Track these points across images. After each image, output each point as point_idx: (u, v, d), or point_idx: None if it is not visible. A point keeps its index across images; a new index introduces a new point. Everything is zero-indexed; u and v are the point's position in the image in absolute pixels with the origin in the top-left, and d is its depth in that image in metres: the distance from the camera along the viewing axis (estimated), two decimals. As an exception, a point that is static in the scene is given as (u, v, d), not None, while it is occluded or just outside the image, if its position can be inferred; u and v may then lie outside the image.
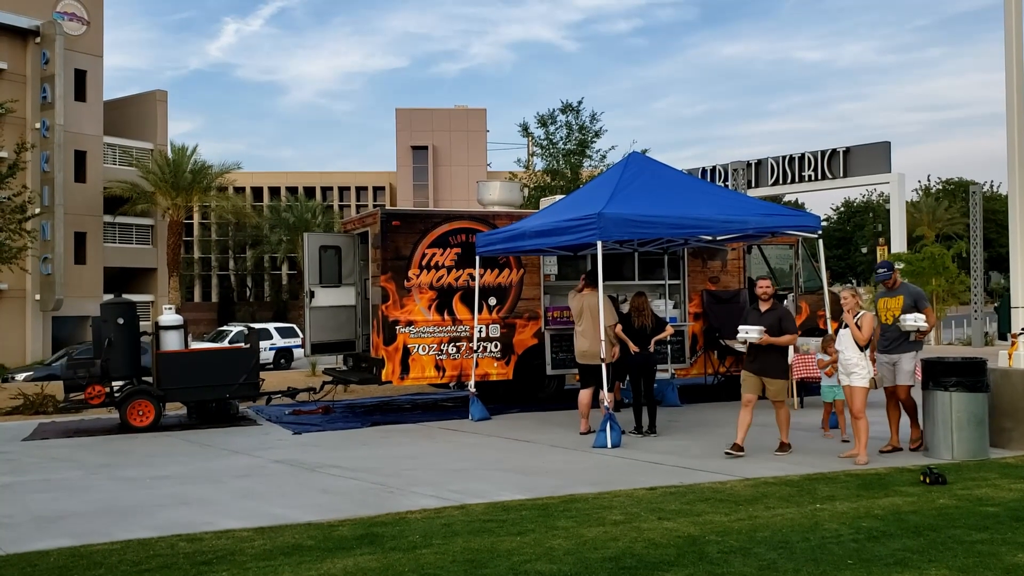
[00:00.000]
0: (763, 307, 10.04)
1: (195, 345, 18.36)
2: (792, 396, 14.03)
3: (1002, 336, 29.98)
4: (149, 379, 13.76)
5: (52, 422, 14.44)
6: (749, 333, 9.76)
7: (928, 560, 5.81)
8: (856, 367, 9.55)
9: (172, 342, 13.82)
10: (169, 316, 14.10)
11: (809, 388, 14.62)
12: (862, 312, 9.70)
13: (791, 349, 10.61)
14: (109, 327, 13.53)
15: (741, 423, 9.88)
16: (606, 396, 10.88)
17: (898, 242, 32.17)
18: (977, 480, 8.37)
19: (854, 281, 74.60)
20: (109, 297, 14.52)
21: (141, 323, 14.23)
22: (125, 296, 14.79)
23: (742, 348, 9.99)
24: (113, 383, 13.54)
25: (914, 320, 10.00)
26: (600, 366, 11.24)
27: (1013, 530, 6.51)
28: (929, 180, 79.12)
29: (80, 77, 39.37)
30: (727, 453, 9.81)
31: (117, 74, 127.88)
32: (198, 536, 6.79)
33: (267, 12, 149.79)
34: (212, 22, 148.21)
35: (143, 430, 13.05)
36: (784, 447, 10.07)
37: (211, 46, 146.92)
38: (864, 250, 71.43)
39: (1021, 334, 10.52)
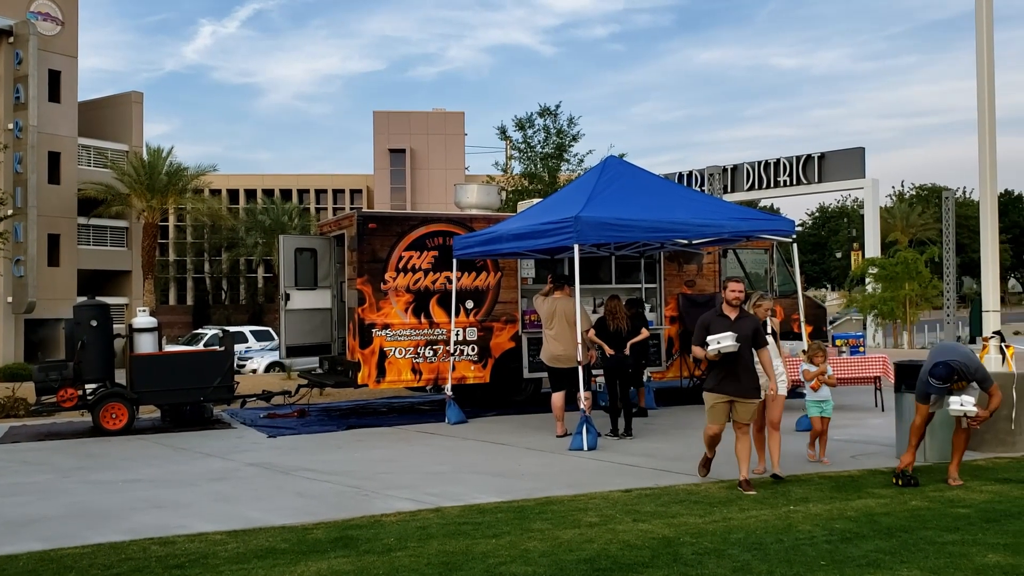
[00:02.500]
0: (731, 313, 8.31)
1: (169, 348, 18.22)
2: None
3: (973, 340, 30.32)
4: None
5: (23, 425, 14.28)
6: (722, 342, 7.99)
7: (900, 561, 5.87)
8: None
9: (146, 345, 13.72)
10: (143, 319, 14.00)
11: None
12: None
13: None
14: (82, 329, 13.40)
15: (710, 444, 8.56)
16: (583, 397, 10.89)
17: (872, 247, 32.47)
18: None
19: (828, 286, 75.18)
20: (82, 299, 14.39)
21: (115, 326, 14.11)
22: (99, 298, 14.65)
23: (712, 356, 8.10)
24: (86, 386, 13.41)
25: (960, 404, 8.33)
26: (575, 369, 11.28)
27: (984, 531, 6.59)
28: (903, 186, 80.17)
29: (54, 78, 38.97)
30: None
31: (92, 75, 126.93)
32: (171, 539, 6.74)
33: (243, 14, 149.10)
34: (188, 24, 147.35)
35: (116, 433, 12.93)
36: (746, 486, 8.17)
37: (187, 48, 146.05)
38: (839, 255, 72.01)
39: (992, 338, 10.64)
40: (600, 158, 18.63)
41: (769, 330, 9.19)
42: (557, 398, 11.91)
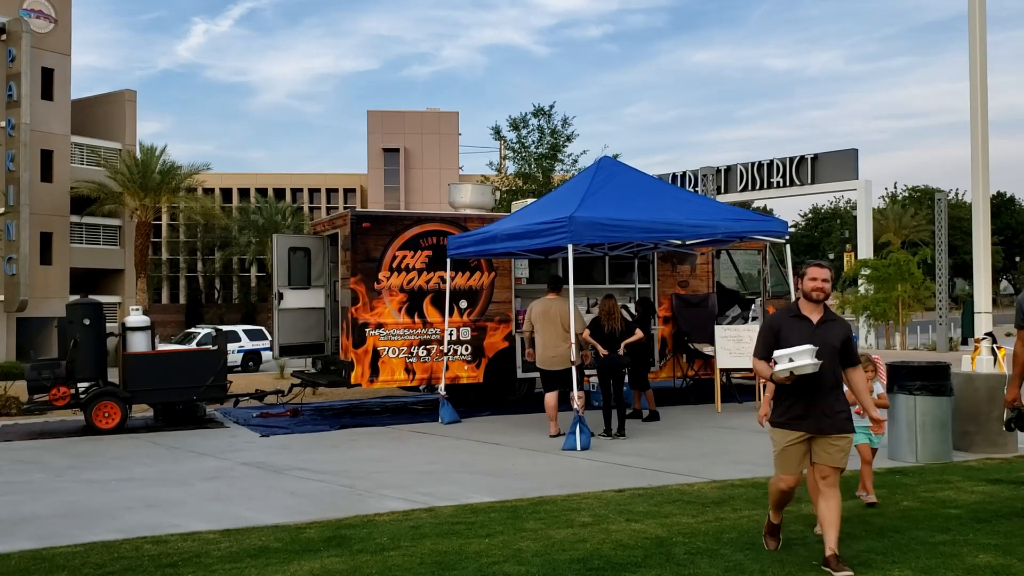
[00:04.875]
0: (812, 314, 5.82)
1: (162, 347, 18.18)
2: (759, 400, 14.17)
3: (965, 341, 30.41)
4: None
5: (15, 424, 14.24)
6: (797, 360, 5.52)
7: (891, 561, 5.89)
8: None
9: (139, 343, 13.69)
10: (136, 317, 13.97)
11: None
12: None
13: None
14: (75, 328, 13.37)
15: (778, 503, 6.10)
16: (576, 396, 10.90)
17: (864, 248, 32.53)
18: (940, 483, 8.48)
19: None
20: (75, 298, 14.35)
21: (108, 324, 14.09)
22: (92, 297, 14.63)
23: (782, 379, 5.62)
24: (79, 384, 13.39)
25: None
26: (567, 369, 11.30)
27: (975, 531, 6.61)
28: (896, 187, 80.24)
29: (47, 75, 38.84)
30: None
31: (85, 73, 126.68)
32: (164, 538, 6.73)
33: (237, 13, 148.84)
34: (181, 22, 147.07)
35: (109, 432, 12.91)
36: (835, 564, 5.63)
37: (180, 46, 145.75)
38: (831, 256, 72.15)
39: (984, 339, 10.68)
40: (594, 158, 18.70)
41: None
42: (550, 398, 11.92)
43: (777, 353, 5.61)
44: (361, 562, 6.00)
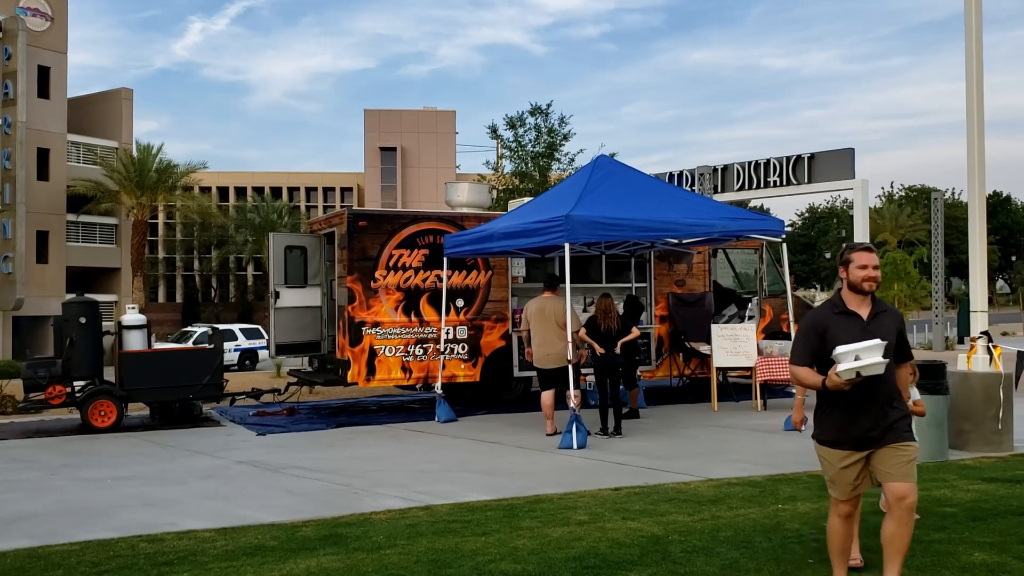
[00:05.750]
0: (861, 308, 4.90)
1: (158, 345, 18.17)
2: (755, 398, 14.19)
3: (961, 340, 30.45)
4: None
5: (11, 422, 14.22)
6: (864, 357, 4.60)
7: (887, 559, 5.89)
8: None
9: (135, 342, 13.68)
10: (132, 316, 13.96)
11: (773, 391, 14.78)
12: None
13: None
14: (71, 326, 13.36)
15: (841, 546, 5.09)
16: (572, 395, 10.90)
17: (861, 248, 32.55)
18: (936, 481, 8.49)
19: (818, 286, 75.46)
20: (71, 296, 14.34)
21: (104, 323, 14.07)
22: (88, 296, 14.61)
23: (842, 384, 4.63)
24: (74, 383, 13.37)
25: None
26: (563, 368, 11.31)
27: (970, 530, 6.62)
28: (892, 187, 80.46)
29: (43, 74, 38.79)
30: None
31: (81, 72, 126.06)
32: (159, 537, 6.73)
33: (233, 11, 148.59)
34: (177, 21, 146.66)
35: (105, 431, 12.90)
36: None
37: (176, 45, 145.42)
38: (828, 255, 72.26)
39: (980, 338, 10.70)
40: (591, 157, 18.71)
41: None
42: (547, 396, 11.92)
43: (840, 350, 4.63)
44: (357, 560, 5.99)
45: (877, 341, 4.63)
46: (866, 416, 4.81)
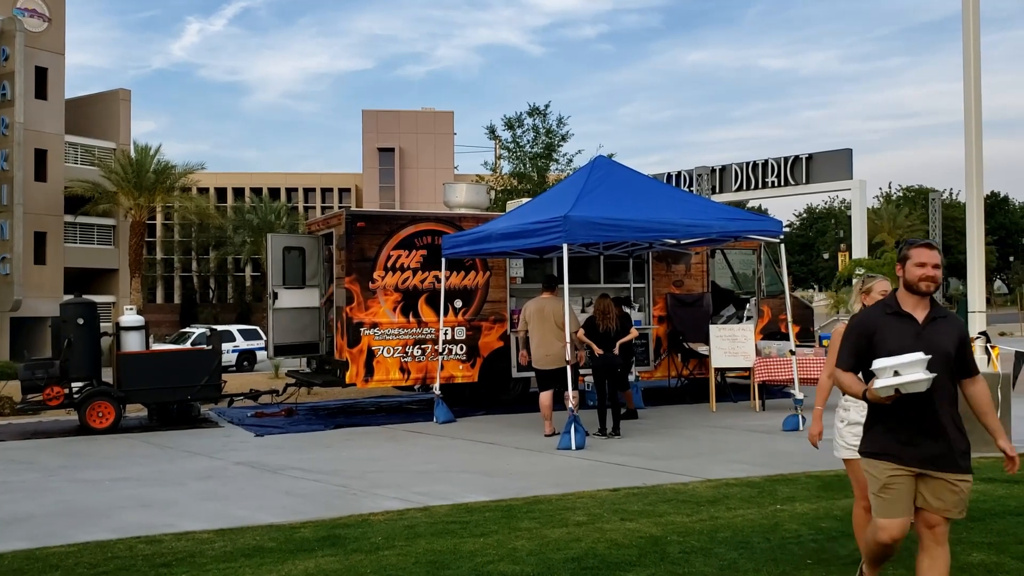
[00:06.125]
0: (917, 311, 4.42)
1: (156, 346, 18.15)
2: (754, 399, 14.19)
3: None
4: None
5: (9, 424, 14.21)
6: (905, 373, 4.12)
7: (885, 560, 5.89)
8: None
9: (133, 343, 13.67)
10: (130, 317, 13.95)
11: (771, 391, 14.77)
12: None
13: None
14: (69, 327, 13.34)
15: (880, 556, 4.75)
16: (570, 396, 10.90)
17: (859, 248, 32.57)
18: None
19: (816, 287, 75.50)
20: (69, 297, 14.32)
21: (102, 324, 14.06)
22: (86, 297, 14.59)
23: (882, 398, 4.18)
24: (72, 384, 13.35)
25: None
26: (562, 368, 11.31)
27: (968, 530, 6.62)
28: (890, 187, 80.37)
29: (41, 75, 38.76)
30: None
31: (79, 72, 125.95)
32: (157, 538, 6.72)
33: (230, 12, 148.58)
34: (175, 21, 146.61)
35: (103, 432, 12.88)
36: None
37: (174, 45, 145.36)
38: (826, 256, 72.26)
39: (977, 338, 10.71)
40: (589, 158, 18.70)
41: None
42: (545, 397, 11.92)
43: (878, 364, 4.14)
44: (356, 562, 5.99)
45: (919, 356, 4.11)
46: (920, 433, 4.28)
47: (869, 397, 4.25)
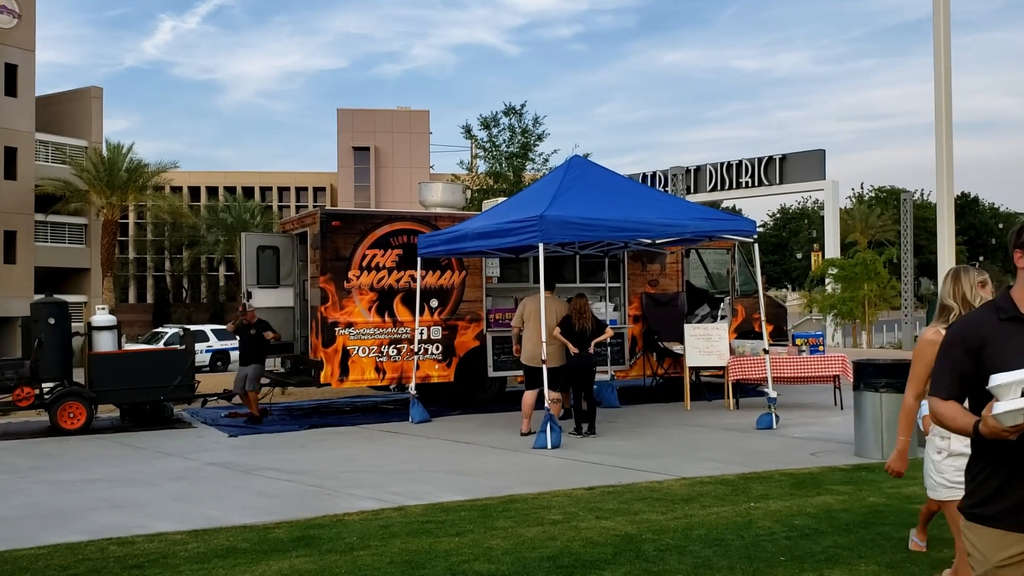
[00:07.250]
0: None
1: (129, 346, 17.99)
2: (728, 398, 14.27)
3: (931, 340, 30.71)
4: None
5: (-22, 425, 14.02)
6: None
7: (858, 556, 5.95)
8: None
9: (105, 343, 13.53)
10: (102, 317, 13.81)
11: (745, 390, 14.86)
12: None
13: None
14: (39, 327, 13.19)
15: None
16: (548, 397, 10.91)
17: (832, 248, 32.87)
18: (906, 479, 8.52)
19: (789, 286, 76.05)
20: (40, 297, 14.16)
21: (74, 324, 13.91)
22: (57, 296, 14.43)
23: (1006, 432, 2.76)
24: (43, 384, 13.20)
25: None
26: (555, 368, 11.31)
27: (940, 527, 6.68)
28: (862, 188, 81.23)
29: (11, 72, 38.32)
30: None
31: (50, 70, 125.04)
32: (129, 539, 6.66)
33: (204, 10, 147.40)
34: (147, 19, 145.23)
35: (74, 433, 12.74)
36: None
37: (147, 43, 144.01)
38: (799, 256, 72.80)
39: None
40: (565, 158, 18.74)
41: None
42: (529, 395, 11.87)
43: (998, 380, 2.81)
44: (330, 562, 5.97)
45: None
46: None
47: (984, 431, 2.87)
